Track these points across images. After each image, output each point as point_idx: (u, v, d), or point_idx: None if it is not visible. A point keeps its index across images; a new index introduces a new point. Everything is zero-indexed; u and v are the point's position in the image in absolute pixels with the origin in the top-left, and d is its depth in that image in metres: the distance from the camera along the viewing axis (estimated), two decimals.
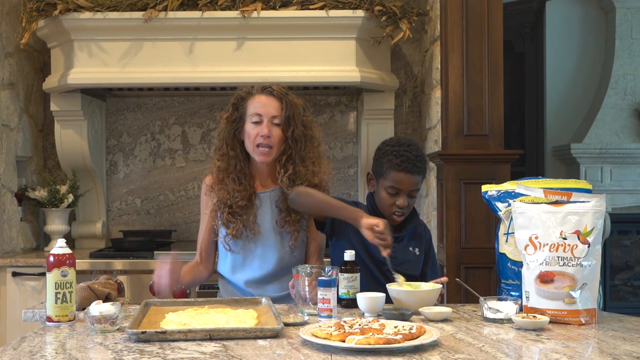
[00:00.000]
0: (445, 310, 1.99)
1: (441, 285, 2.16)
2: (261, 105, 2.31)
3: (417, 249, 2.37)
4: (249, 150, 2.35)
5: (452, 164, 3.15)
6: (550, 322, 1.91)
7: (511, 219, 2.12)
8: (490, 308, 1.98)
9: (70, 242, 3.83)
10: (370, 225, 2.11)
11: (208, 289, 3.26)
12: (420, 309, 1.99)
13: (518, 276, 2.09)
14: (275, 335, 1.75)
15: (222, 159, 2.36)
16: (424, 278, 2.34)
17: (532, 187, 2.13)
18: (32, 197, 3.73)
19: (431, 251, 2.45)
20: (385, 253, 2.11)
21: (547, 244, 1.99)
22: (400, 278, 2.16)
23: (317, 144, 2.41)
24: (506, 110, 3.29)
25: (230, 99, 2.39)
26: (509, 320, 1.93)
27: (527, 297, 2.01)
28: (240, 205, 2.32)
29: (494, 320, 1.96)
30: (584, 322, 1.93)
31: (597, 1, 5.63)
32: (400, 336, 1.62)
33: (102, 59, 3.45)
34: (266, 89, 2.34)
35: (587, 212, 1.98)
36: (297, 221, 2.36)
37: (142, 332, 1.70)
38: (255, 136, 2.30)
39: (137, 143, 4.04)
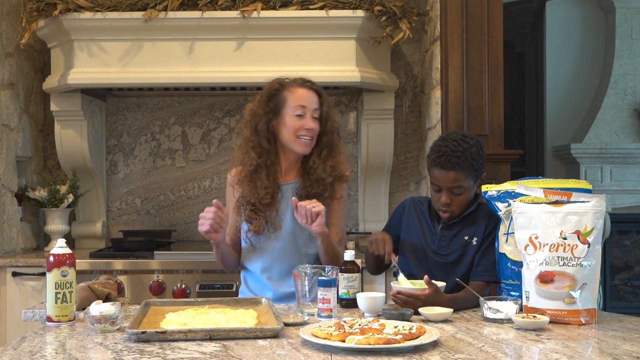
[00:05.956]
0: (445, 310, 1.99)
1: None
2: (305, 99, 2.36)
3: (474, 238, 2.25)
4: (286, 141, 2.37)
5: None
6: (550, 322, 1.91)
7: (511, 219, 2.12)
8: (490, 308, 1.98)
9: (70, 242, 3.83)
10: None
11: (208, 289, 3.26)
12: (420, 309, 1.99)
13: (518, 276, 2.09)
14: (275, 335, 1.75)
15: (254, 151, 2.38)
16: (471, 267, 2.25)
17: (532, 187, 2.13)
18: (32, 197, 3.73)
19: (489, 240, 2.25)
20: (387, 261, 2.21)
21: (547, 244, 1.98)
22: (400, 276, 2.19)
23: (340, 139, 2.50)
24: (506, 110, 3.29)
25: (261, 91, 2.43)
26: (509, 320, 1.93)
27: (527, 297, 2.01)
28: (264, 203, 2.35)
29: (494, 320, 1.96)
30: (584, 322, 1.93)
31: (597, 1, 5.63)
32: (400, 336, 1.62)
33: (102, 59, 3.45)
34: (306, 82, 2.41)
35: (587, 212, 1.98)
36: None
37: (142, 332, 1.70)
38: (299, 128, 2.33)
39: (137, 143, 4.04)
